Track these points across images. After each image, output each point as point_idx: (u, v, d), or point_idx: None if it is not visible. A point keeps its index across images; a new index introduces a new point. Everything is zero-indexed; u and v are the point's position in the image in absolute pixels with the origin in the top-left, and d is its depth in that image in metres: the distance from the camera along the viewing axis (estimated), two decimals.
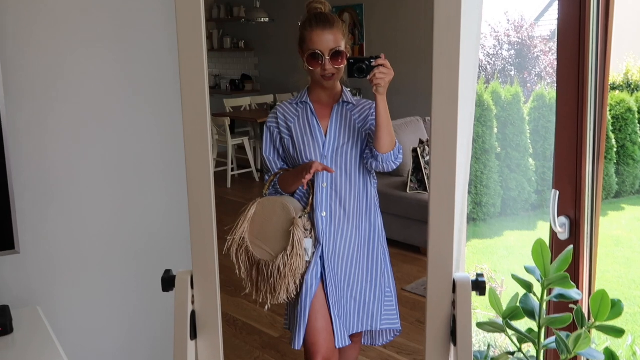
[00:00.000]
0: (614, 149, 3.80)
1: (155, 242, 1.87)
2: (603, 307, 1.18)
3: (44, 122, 1.65)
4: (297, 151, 1.77)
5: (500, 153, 4.37)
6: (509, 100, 4.37)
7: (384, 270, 1.85)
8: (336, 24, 1.69)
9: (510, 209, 4.27)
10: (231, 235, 1.71)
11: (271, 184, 1.83)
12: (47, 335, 1.49)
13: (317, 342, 1.74)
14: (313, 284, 1.74)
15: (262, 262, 1.71)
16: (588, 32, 1.40)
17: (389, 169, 1.72)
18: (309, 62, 1.69)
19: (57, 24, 1.63)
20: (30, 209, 1.64)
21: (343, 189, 1.77)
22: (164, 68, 1.79)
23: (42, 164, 1.66)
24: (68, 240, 1.73)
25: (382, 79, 1.60)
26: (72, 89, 1.68)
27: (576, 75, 1.45)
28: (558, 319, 1.20)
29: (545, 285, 1.20)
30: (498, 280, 2.83)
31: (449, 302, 0.97)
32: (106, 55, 1.72)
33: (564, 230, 1.47)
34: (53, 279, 1.72)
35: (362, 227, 1.82)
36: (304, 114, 1.79)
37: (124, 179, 1.80)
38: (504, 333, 1.28)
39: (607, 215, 3.70)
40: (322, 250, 1.77)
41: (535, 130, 4.35)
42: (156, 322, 1.89)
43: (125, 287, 1.85)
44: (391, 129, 1.68)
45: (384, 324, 1.84)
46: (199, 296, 1.02)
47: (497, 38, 5.30)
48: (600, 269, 1.54)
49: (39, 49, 1.61)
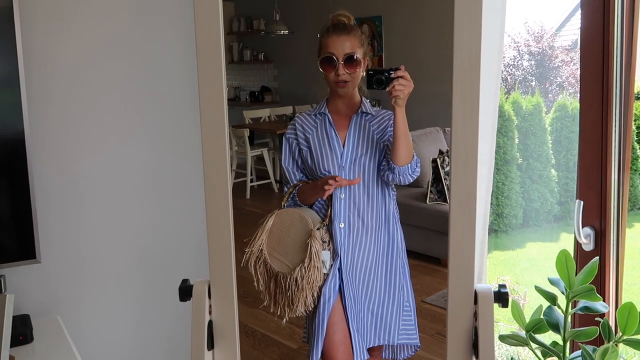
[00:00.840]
0: (638, 159, 3.73)
1: (174, 253, 1.87)
2: (631, 320, 1.14)
3: (66, 133, 1.67)
4: (315, 162, 1.76)
5: (521, 164, 4.31)
6: (530, 111, 4.32)
7: (402, 284, 1.82)
8: (353, 32, 1.69)
9: (532, 220, 4.20)
10: (249, 247, 1.70)
11: (290, 196, 1.83)
12: (66, 345, 1.50)
13: (336, 356, 1.72)
14: (331, 297, 1.72)
15: (280, 275, 1.70)
16: (612, 41, 1.38)
17: (405, 181, 1.70)
18: (323, 67, 1.69)
19: (80, 38, 1.66)
20: (51, 219, 1.66)
21: (361, 201, 1.75)
22: (184, 79, 1.80)
23: (64, 175, 1.68)
24: (88, 250, 1.74)
25: (401, 90, 1.59)
26: (94, 101, 1.70)
27: (600, 85, 1.42)
28: (584, 332, 1.17)
29: (570, 297, 1.17)
30: (520, 292, 2.77)
31: (470, 314, 0.95)
32: (128, 67, 1.75)
33: (589, 241, 1.43)
34: (73, 289, 1.73)
35: (381, 239, 1.79)
36: (322, 125, 1.78)
37: (144, 189, 1.82)
38: (527, 346, 1.25)
39: (633, 227, 3.62)
40: (340, 263, 1.75)
41: (557, 141, 4.29)
42: (174, 333, 1.89)
43: (143, 297, 1.85)
44: (409, 141, 1.66)
45: (402, 338, 1.81)
46: (216, 306, 1.02)
47: (517, 48, 5.26)
48: (627, 282, 1.50)
49: (63, 61, 1.64)
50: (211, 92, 1.01)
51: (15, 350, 1.46)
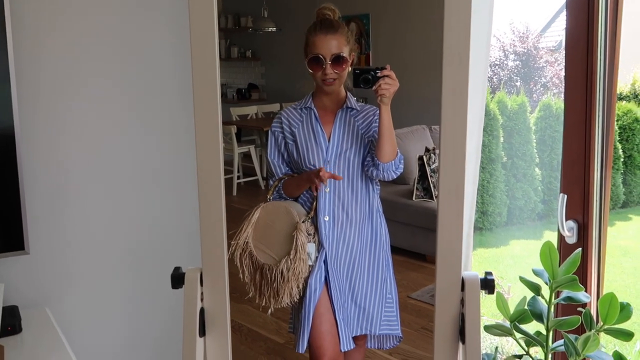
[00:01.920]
0: (620, 158, 3.79)
1: (163, 243, 1.88)
2: (612, 310, 1.18)
3: (55, 125, 1.67)
4: (300, 156, 1.78)
5: (506, 162, 4.36)
6: (515, 110, 4.38)
7: (385, 276, 1.85)
8: (340, 30, 1.71)
9: (516, 218, 4.26)
10: (235, 239, 1.72)
11: (275, 189, 1.84)
12: (55, 335, 1.50)
13: (322, 345, 1.74)
14: (317, 288, 1.75)
15: (266, 266, 1.72)
16: (596, 42, 1.42)
17: (389, 177, 1.74)
18: (311, 66, 1.71)
19: (71, 32, 1.65)
20: (40, 211, 1.65)
21: (346, 195, 1.78)
22: (175, 72, 1.81)
23: (53, 166, 1.68)
24: (77, 241, 1.74)
25: (387, 89, 1.62)
26: (84, 94, 1.70)
27: (584, 84, 1.46)
28: (566, 322, 1.20)
29: (554, 287, 1.20)
30: (505, 286, 2.82)
31: (457, 301, 0.97)
32: (119, 61, 1.75)
33: (572, 234, 1.47)
34: (62, 280, 1.73)
35: (365, 233, 1.82)
36: (308, 119, 1.80)
37: (134, 180, 1.82)
38: (511, 336, 1.28)
39: (615, 225, 3.69)
40: (325, 255, 1.77)
41: (542, 140, 4.35)
42: (164, 322, 1.90)
43: (134, 287, 1.86)
44: (394, 138, 1.69)
45: (383, 329, 1.84)
46: (208, 294, 1.03)
47: (502, 49, 5.32)
48: (608, 279, 1.53)
49: (54, 55, 1.64)
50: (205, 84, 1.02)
51: (4, 341, 1.46)
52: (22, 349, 1.45)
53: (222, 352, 1.03)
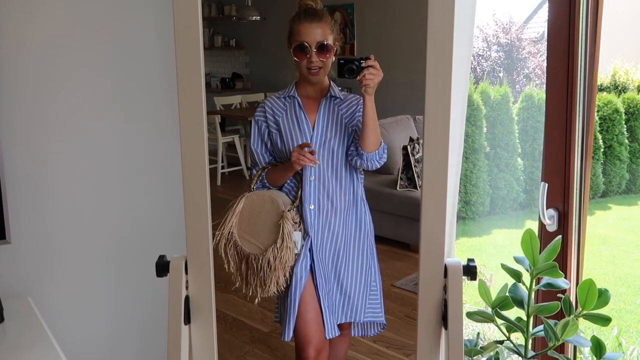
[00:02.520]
0: (601, 149, 3.85)
1: (147, 232, 1.87)
2: (590, 295, 1.21)
3: (37, 114, 1.64)
4: (284, 145, 1.78)
5: (489, 152, 4.40)
6: (498, 101, 4.40)
7: (370, 264, 1.87)
8: (324, 19, 1.71)
9: (498, 208, 4.30)
10: (219, 230, 1.71)
11: (259, 179, 1.84)
12: (38, 325, 1.49)
13: (308, 333, 1.76)
14: (303, 276, 1.76)
15: (252, 256, 1.72)
16: (577, 34, 1.44)
17: (372, 167, 1.75)
18: (296, 54, 1.71)
19: (51, 23, 1.63)
20: (22, 200, 1.64)
21: (330, 183, 1.79)
22: (158, 59, 1.79)
23: (35, 155, 1.66)
24: (60, 230, 1.73)
25: (371, 79, 1.62)
26: (66, 82, 1.68)
27: (565, 76, 1.48)
28: (546, 307, 1.22)
29: (534, 274, 1.22)
30: (487, 274, 2.86)
31: (440, 287, 0.98)
32: (101, 48, 1.72)
33: (553, 222, 1.49)
34: (45, 270, 1.71)
35: (349, 221, 1.83)
36: (292, 108, 1.80)
37: (116, 168, 1.80)
38: (493, 323, 1.30)
39: (594, 214, 3.75)
40: (310, 243, 1.78)
41: (524, 130, 4.39)
42: (148, 311, 1.89)
43: (118, 276, 1.85)
44: (377, 128, 1.70)
45: (368, 316, 1.86)
46: (193, 281, 1.03)
47: (485, 40, 5.34)
48: (587, 267, 1.56)
49: (33, 45, 1.61)
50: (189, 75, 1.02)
51: None
52: (5, 339, 1.44)
53: (207, 339, 1.03)
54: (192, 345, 1.07)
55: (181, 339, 1.00)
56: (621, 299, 2.95)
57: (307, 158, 1.69)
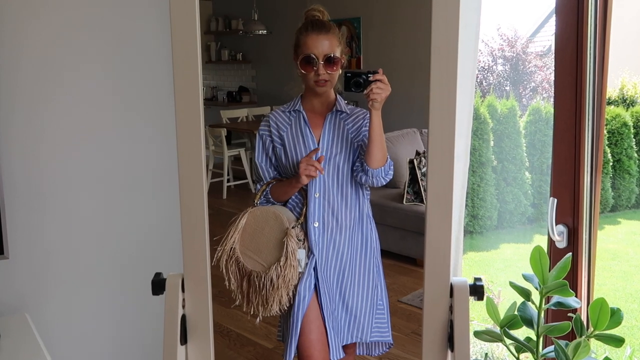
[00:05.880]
0: (609, 163, 3.80)
1: (145, 248, 1.84)
2: (602, 315, 1.16)
3: (36, 129, 1.63)
4: (289, 160, 1.75)
5: (496, 166, 4.36)
6: (504, 114, 4.38)
7: (376, 283, 1.82)
8: (332, 31, 1.69)
9: (506, 222, 4.25)
10: (221, 245, 1.68)
11: (263, 194, 1.81)
12: (34, 343, 1.46)
13: (312, 354, 1.70)
14: (306, 296, 1.71)
15: (254, 274, 1.68)
16: (585, 47, 1.41)
17: (378, 184, 1.71)
18: (303, 67, 1.68)
19: (51, 30, 1.62)
20: (20, 215, 1.62)
21: (335, 200, 1.75)
22: (158, 74, 1.78)
23: (34, 170, 1.64)
24: (58, 246, 1.70)
25: (378, 94, 1.59)
26: (65, 96, 1.67)
27: (573, 90, 1.45)
28: (557, 327, 1.18)
29: (544, 292, 1.18)
30: (495, 291, 2.80)
31: (446, 307, 0.95)
32: (100, 62, 1.71)
33: (562, 238, 1.45)
34: (42, 286, 1.69)
35: (355, 239, 1.79)
36: (297, 122, 1.77)
37: (115, 184, 1.78)
38: (501, 342, 1.25)
39: (604, 229, 3.70)
40: (315, 262, 1.74)
41: (531, 144, 4.36)
42: (146, 329, 1.86)
43: (115, 294, 1.82)
44: (384, 144, 1.66)
45: (374, 336, 1.81)
46: (189, 300, 1.00)
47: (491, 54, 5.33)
48: (598, 282, 1.52)
49: (33, 55, 1.60)
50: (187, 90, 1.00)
51: None
52: (1, 356, 1.41)
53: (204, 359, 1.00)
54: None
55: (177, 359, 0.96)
56: (633, 316, 2.89)
57: (315, 167, 1.65)
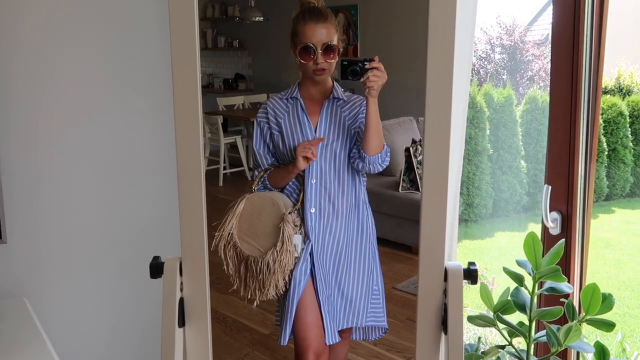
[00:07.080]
0: (605, 152, 3.82)
1: (144, 232, 1.85)
2: (594, 300, 1.18)
3: (33, 114, 1.63)
4: (286, 147, 1.76)
5: (492, 155, 4.38)
6: (501, 103, 4.38)
7: (372, 268, 1.84)
8: (329, 19, 1.69)
9: (501, 210, 4.28)
10: (219, 231, 1.69)
11: (260, 180, 1.82)
12: (33, 326, 1.47)
13: (308, 337, 1.73)
14: (301, 280, 1.73)
15: (251, 258, 1.70)
16: (582, 36, 1.42)
17: (375, 170, 1.73)
18: (301, 56, 1.68)
19: (46, 19, 1.61)
20: (18, 200, 1.62)
21: (332, 186, 1.76)
22: (156, 60, 1.77)
23: (31, 155, 1.64)
24: (56, 231, 1.71)
25: (375, 82, 1.60)
26: (61, 81, 1.66)
27: (570, 79, 1.46)
28: (549, 312, 1.20)
29: (537, 278, 1.20)
30: (489, 278, 2.83)
31: (440, 291, 0.96)
32: (97, 48, 1.70)
33: (556, 225, 1.47)
34: (41, 270, 1.70)
35: (351, 224, 1.81)
36: (294, 109, 1.78)
37: (112, 169, 1.79)
38: (494, 327, 1.28)
39: (598, 218, 3.72)
40: (311, 247, 1.76)
41: (527, 133, 4.37)
42: (145, 313, 1.87)
43: (113, 277, 1.83)
44: (380, 131, 1.68)
45: (370, 321, 1.84)
46: (187, 283, 1.01)
47: (489, 42, 5.32)
48: (591, 270, 1.54)
49: (28, 42, 1.59)
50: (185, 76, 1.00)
51: None
52: None
53: (202, 343, 1.01)
54: (186, 348, 1.05)
55: (175, 342, 0.98)
56: (625, 303, 2.92)
57: (311, 150, 1.66)
